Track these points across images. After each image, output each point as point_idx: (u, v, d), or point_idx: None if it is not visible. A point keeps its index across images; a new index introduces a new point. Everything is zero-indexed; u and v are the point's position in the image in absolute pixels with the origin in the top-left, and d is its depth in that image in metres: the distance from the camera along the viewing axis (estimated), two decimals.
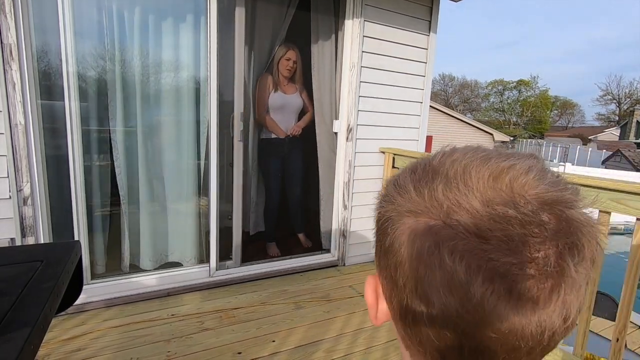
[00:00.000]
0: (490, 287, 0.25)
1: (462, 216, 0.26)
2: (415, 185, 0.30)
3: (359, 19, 2.57)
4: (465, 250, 0.26)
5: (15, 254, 0.73)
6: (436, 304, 0.27)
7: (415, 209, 0.29)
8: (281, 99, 2.80)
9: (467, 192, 0.27)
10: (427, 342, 0.29)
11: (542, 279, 0.25)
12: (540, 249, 0.25)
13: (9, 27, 1.71)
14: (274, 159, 2.89)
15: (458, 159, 0.30)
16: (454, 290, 0.26)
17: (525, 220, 0.25)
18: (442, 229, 0.27)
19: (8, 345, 0.44)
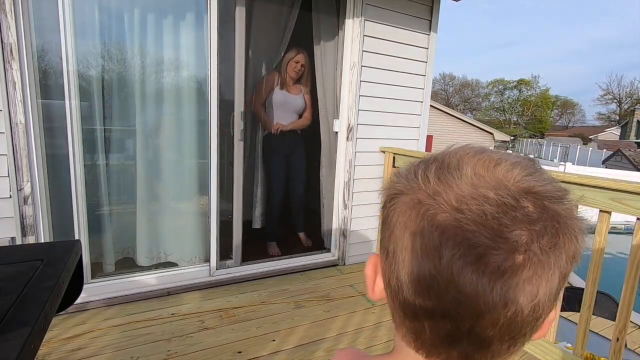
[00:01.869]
0: (458, 251, 0.28)
1: (446, 194, 0.30)
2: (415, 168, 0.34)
3: (360, 19, 2.57)
4: (442, 219, 0.29)
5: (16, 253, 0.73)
6: (414, 268, 0.30)
7: (411, 186, 0.33)
8: (283, 97, 2.82)
9: (455, 176, 0.31)
10: (406, 306, 0.32)
11: (510, 254, 0.27)
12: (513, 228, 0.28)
13: (9, 26, 1.71)
14: (276, 157, 2.90)
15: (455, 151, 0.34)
16: (429, 253, 0.29)
17: (502, 201, 0.28)
18: (427, 201, 0.31)
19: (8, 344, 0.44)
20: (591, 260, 1.57)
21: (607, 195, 1.53)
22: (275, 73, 2.85)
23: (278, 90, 2.81)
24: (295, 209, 3.09)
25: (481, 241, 0.28)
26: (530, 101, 47.76)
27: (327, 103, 2.81)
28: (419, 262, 0.30)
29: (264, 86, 2.86)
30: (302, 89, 2.92)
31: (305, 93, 2.93)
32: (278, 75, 2.83)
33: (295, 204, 3.07)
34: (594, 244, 1.56)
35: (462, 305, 0.29)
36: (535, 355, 1.82)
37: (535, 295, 0.28)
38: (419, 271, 0.30)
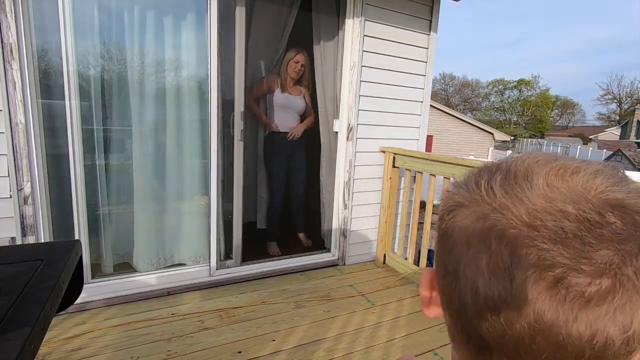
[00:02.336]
0: (533, 273, 0.25)
1: (516, 208, 0.27)
2: (476, 178, 0.31)
3: (360, 19, 2.57)
4: (513, 236, 0.26)
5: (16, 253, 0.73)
6: (480, 288, 0.27)
7: (473, 198, 0.30)
8: (284, 99, 2.83)
9: (525, 187, 0.27)
10: (470, 328, 0.29)
11: (597, 277, 0.24)
12: (598, 247, 0.24)
13: (9, 26, 1.71)
14: (278, 157, 2.90)
15: (524, 158, 0.30)
16: (498, 274, 0.26)
17: (584, 216, 0.25)
18: (493, 216, 0.27)
19: (8, 344, 0.44)
20: None
21: None
22: (275, 76, 2.86)
23: (279, 92, 2.81)
24: (296, 209, 3.09)
25: (560, 262, 0.24)
26: (530, 101, 47.78)
27: (327, 103, 2.81)
28: (485, 282, 0.27)
29: (262, 87, 2.88)
30: (302, 90, 2.92)
31: (306, 94, 2.94)
32: (278, 78, 2.83)
33: (296, 204, 3.08)
34: None
35: (538, 334, 0.25)
36: None
37: (628, 327, 0.24)
38: (485, 292, 0.27)
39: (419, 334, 1.99)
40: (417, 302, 2.36)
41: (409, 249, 2.72)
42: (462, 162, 2.20)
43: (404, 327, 2.06)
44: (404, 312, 2.23)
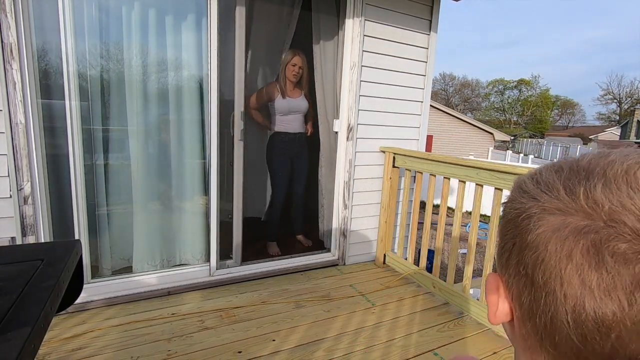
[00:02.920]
0: None
1: (627, 217, 0.24)
2: (565, 183, 0.29)
3: (360, 19, 2.57)
4: (631, 252, 0.24)
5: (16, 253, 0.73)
6: (587, 307, 0.25)
7: (566, 208, 0.27)
8: (287, 104, 2.83)
9: (631, 194, 0.25)
10: (566, 345, 0.27)
11: None
12: None
13: (9, 26, 1.71)
14: (282, 158, 2.90)
15: (616, 160, 0.28)
16: (614, 293, 0.24)
17: None
18: (602, 229, 0.25)
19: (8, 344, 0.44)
20: None
21: None
22: (275, 84, 2.87)
23: (280, 99, 2.81)
24: (297, 210, 3.09)
25: None
26: (531, 101, 47.77)
27: (326, 103, 2.81)
28: (595, 302, 0.25)
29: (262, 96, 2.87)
30: (302, 91, 2.92)
31: (306, 94, 2.94)
32: (277, 86, 2.83)
33: (297, 205, 3.08)
34: None
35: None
36: None
37: None
38: (595, 312, 0.25)
39: (419, 334, 1.99)
40: (417, 302, 2.36)
41: (408, 249, 2.72)
42: (462, 162, 2.20)
43: (404, 327, 2.06)
44: (404, 312, 2.23)
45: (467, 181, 2.19)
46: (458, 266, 2.37)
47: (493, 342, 1.97)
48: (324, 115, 2.82)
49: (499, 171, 1.97)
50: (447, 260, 4.75)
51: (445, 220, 2.38)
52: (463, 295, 2.24)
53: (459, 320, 2.17)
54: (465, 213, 7.32)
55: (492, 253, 2.08)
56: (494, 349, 1.91)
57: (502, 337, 1.99)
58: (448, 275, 2.35)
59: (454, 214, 2.27)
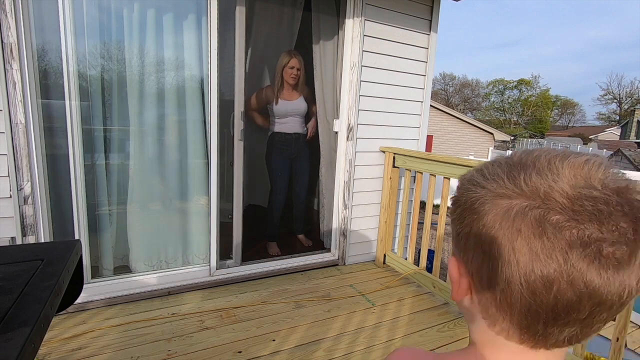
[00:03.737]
0: (584, 250, 0.31)
1: (556, 195, 0.32)
2: (508, 174, 0.35)
3: (360, 19, 2.57)
4: (560, 221, 0.31)
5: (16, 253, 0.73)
6: (535, 270, 0.32)
7: (511, 193, 0.34)
8: (284, 106, 2.82)
9: (555, 179, 0.33)
10: (518, 302, 0.34)
11: (623, 245, 0.31)
12: (621, 222, 0.31)
13: (9, 26, 1.71)
14: (281, 159, 2.89)
15: (541, 155, 0.36)
16: (554, 255, 0.31)
17: (608, 200, 0.31)
18: (540, 206, 0.32)
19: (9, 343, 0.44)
20: None
21: None
22: (270, 87, 2.86)
23: (275, 105, 2.80)
24: (298, 210, 3.09)
25: (601, 237, 0.30)
26: (531, 101, 47.78)
27: (326, 103, 2.81)
28: (540, 264, 0.32)
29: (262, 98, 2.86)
30: (301, 92, 2.90)
31: (305, 95, 2.93)
32: (271, 89, 2.82)
33: (298, 205, 3.08)
34: None
35: (585, 296, 0.32)
36: None
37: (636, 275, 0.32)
38: (540, 272, 0.32)
39: (419, 334, 1.99)
40: (417, 302, 2.36)
41: (409, 249, 2.72)
42: (462, 162, 2.20)
43: (404, 327, 2.06)
44: (404, 312, 2.23)
45: None
46: None
47: None
48: (323, 115, 2.82)
49: None
50: (447, 260, 4.75)
51: (445, 220, 2.38)
52: None
53: (459, 320, 2.17)
54: None
55: None
56: None
57: None
58: (448, 275, 2.35)
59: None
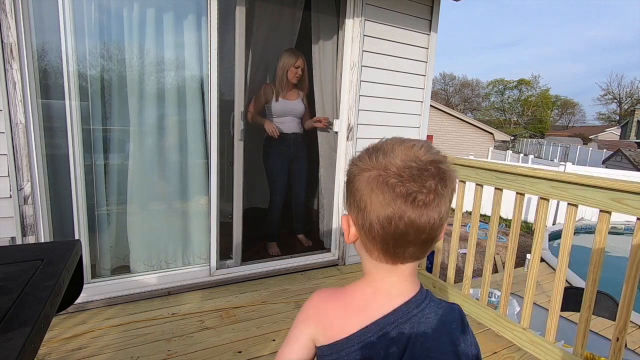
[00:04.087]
0: (405, 199, 0.51)
1: (391, 167, 0.52)
2: (369, 155, 0.56)
3: (360, 19, 2.57)
4: (393, 182, 0.51)
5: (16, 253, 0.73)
6: (381, 214, 0.52)
7: (369, 167, 0.54)
8: (283, 105, 2.80)
9: (393, 157, 0.53)
10: (378, 235, 0.54)
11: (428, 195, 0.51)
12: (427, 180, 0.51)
13: (9, 26, 1.71)
14: (279, 160, 2.88)
15: (388, 143, 0.57)
16: (389, 203, 0.51)
17: (420, 167, 0.52)
18: (383, 174, 0.53)
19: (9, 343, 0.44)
20: (591, 260, 1.57)
21: (607, 195, 1.53)
22: (269, 86, 2.84)
23: (275, 102, 2.78)
24: (297, 210, 3.09)
25: (414, 189, 0.51)
26: (531, 101, 47.76)
27: (325, 103, 2.81)
28: (384, 209, 0.52)
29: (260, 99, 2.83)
30: (300, 94, 2.90)
31: (303, 97, 2.91)
32: (272, 87, 2.81)
33: (297, 206, 3.07)
34: (594, 244, 1.56)
35: (409, 226, 0.52)
36: (535, 355, 1.82)
37: (440, 213, 0.53)
38: (384, 214, 0.52)
39: None
40: None
41: None
42: (462, 162, 2.20)
43: None
44: None
45: (467, 181, 2.19)
46: (458, 266, 2.37)
47: (493, 342, 1.97)
48: (324, 115, 2.82)
49: (498, 171, 1.97)
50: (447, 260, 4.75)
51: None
52: (463, 295, 2.24)
53: None
54: (465, 213, 7.32)
55: (492, 253, 2.08)
56: (494, 349, 1.91)
57: (502, 337, 1.99)
58: (448, 275, 2.35)
59: (454, 214, 2.27)
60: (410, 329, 0.54)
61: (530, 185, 1.83)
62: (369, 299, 0.58)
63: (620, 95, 46.26)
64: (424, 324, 0.55)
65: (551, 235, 5.77)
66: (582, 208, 6.42)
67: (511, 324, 1.96)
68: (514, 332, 1.94)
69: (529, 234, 6.75)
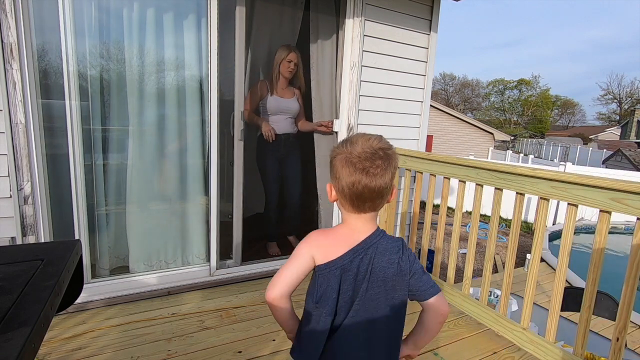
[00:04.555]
0: (362, 171, 0.82)
1: (355, 152, 0.84)
2: (342, 144, 0.87)
3: (360, 18, 2.57)
4: (354, 160, 0.83)
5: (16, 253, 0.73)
6: (348, 180, 0.84)
7: (341, 152, 0.86)
8: (276, 103, 2.76)
9: (356, 145, 0.84)
10: (347, 195, 0.86)
11: (377, 169, 0.83)
12: (377, 160, 0.83)
13: (9, 26, 1.71)
14: (271, 160, 2.86)
15: (355, 135, 0.88)
16: (352, 174, 0.83)
17: (373, 152, 0.83)
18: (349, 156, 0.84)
19: (9, 343, 0.44)
20: (591, 260, 1.57)
21: (607, 195, 1.53)
22: (264, 82, 2.81)
23: (269, 97, 2.75)
24: (291, 210, 3.05)
25: (368, 165, 0.82)
26: (531, 101, 47.75)
27: (323, 103, 2.80)
28: (350, 178, 0.83)
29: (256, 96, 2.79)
30: (296, 92, 2.86)
31: (299, 96, 2.88)
32: (265, 83, 2.78)
33: (290, 207, 3.04)
34: (594, 244, 1.56)
35: (365, 188, 0.83)
36: (535, 355, 1.82)
37: (385, 181, 0.84)
38: (350, 181, 0.83)
39: None
40: (416, 302, 2.35)
41: None
42: (462, 162, 2.20)
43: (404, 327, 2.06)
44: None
45: (467, 181, 2.19)
46: (458, 266, 2.37)
47: (493, 342, 1.97)
48: (321, 115, 2.82)
49: (499, 171, 1.97)
50: (447, 260, 4.75)
51: (445, 220, 2.38)
52: (463, 295, 2.24)
53: (459, 320, 2.17)
54: (465, 213, 7.31)
55: (492, 253, 2.08)
56: (494, 349, 1.91)
57: (502, 337, 1.99)
58: (448, 275, 2.35)
59: (454, 214, 2.27)
60: (372, 252, 0.87)
61: (530, 185, 1.83)
62: (347, 235, 0.89)
63: (620, 95, 46.25)
64: (379, 249, 0.88)
65: (551, 235, 5.78)
66: (582, 208, 6.42)
67: (511, 324, 1.96)
68: (514, 332, 1.94)
69: (529, 234, 6.75)
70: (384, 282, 0.88)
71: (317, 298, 0.91)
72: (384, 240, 0.89)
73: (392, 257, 0.87)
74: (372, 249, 0.87)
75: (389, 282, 0.88)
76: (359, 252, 0.86)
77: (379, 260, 0.87)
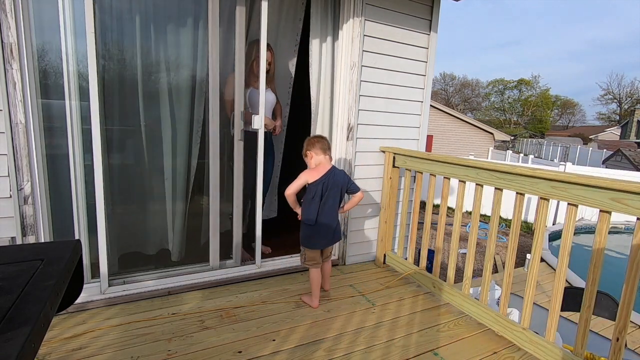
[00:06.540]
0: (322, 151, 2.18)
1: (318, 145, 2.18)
2: (311, 141, 2.20)
3: (360, 18, 2.57)
4: (318, 147, 2.17)
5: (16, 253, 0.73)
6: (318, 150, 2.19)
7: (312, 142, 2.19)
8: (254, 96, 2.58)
9: (317, 141, 2.19)
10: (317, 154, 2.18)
11: (327, 149, 2.19)
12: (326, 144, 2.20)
13: (9, 26, 1.71)
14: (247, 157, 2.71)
15: (316, 136, 2.24)
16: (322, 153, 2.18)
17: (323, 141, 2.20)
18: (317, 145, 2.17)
19: (9, 343, 0.44)
20: (591, 260, 1.57)
21: (607, 195, 1.53)
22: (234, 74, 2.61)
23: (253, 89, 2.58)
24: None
25: (323, 148, 2.18)
26: (531, 101, 47.75)
27: (324, 103, 2.80)
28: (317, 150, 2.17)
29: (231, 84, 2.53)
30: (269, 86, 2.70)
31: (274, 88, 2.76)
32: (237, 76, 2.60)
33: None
34: (594, 244, 1.56)
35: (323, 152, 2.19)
36: (535, 355, 1.82)
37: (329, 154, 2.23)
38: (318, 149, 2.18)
39: (419, 334, 1.99)
40: (417, 302, 2.36)
41: (409, 249, 2.72)
42: (462, 162, 2.20)
43: (404, 327, 2.06)
44: (404, 312, 2.23)
45: (467, 181, 2.19)
46: (458, 266, 2.37)
47: (493, 342, 1.97)
48: (321, 116, 2.82)
49: (498, 171, 1.97)
50: (447, 260, 4.75)
51: (445, 220, 2.38)
52: (463, 295, 2.24)
53: (459, 320, 2.17)
54: (465, 213, 7.31)
55: (492, 253, 2.08)
56: (494, 349, 1.91)
57: (502, 337, 1.99)
58: (448, 275, 2.35)
59: (454, 214, 2.27)
60: (333, 176, 2.14)
61: (530, 185, 1.83)
62: (321, 169, 2.12)
63: (620, 95, 46.24)
64: (336, 174, 2.16)
65: (551, 235, 5.78)
66: (582, 208, 6.41)
67: (511, 324, 1.96)
68: (514, 332, 1.94)
69: (529, 234, 6.75)
70: (337, 186, 2.15)
71: (312, 195, 2.12)
72: (337, 170, 2.18)
73: (342, 177, 2.18)
74: (333, 174, 2.14)
75: (339, 186, 2.16)
76: (328, 175, 2.12)
77: (335, 178, 2.14)
